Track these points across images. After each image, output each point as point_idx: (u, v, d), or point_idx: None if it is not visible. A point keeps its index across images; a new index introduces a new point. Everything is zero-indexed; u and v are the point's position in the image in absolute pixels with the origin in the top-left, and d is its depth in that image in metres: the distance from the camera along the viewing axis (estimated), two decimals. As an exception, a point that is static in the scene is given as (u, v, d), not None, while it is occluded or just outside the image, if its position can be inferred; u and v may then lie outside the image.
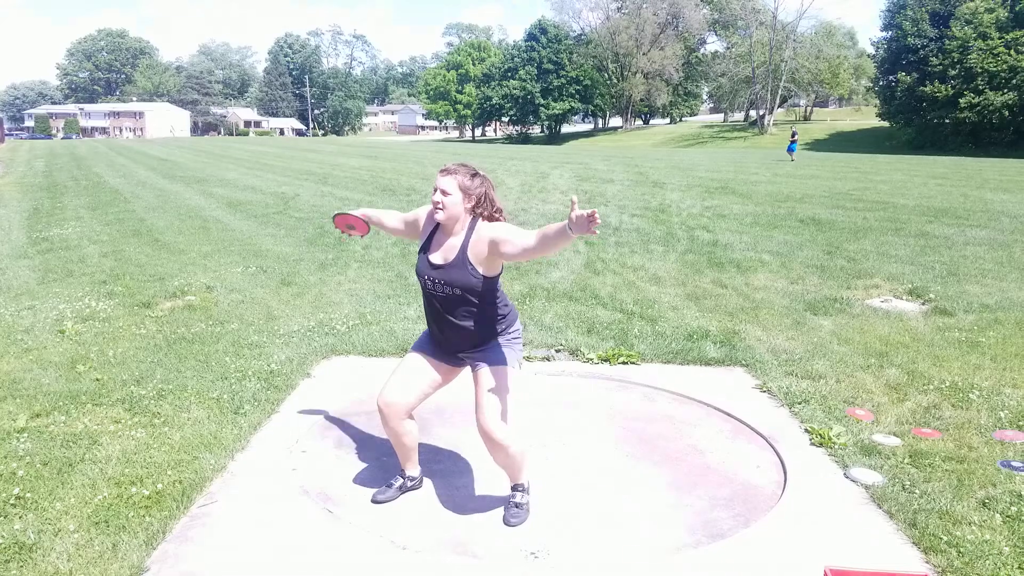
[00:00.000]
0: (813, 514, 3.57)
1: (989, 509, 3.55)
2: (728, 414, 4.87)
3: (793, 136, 40.88)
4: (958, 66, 57.91)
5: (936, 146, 56.48)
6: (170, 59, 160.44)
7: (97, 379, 5.26)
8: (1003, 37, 56.61)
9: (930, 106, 59.71)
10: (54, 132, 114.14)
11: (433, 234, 3.49)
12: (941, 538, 3.28)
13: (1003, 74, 56.06)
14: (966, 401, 4.99)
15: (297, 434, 4.47)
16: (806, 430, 4.53)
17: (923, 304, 7.76)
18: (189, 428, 4.45)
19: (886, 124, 67.52)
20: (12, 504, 3.54)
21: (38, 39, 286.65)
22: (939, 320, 7.10)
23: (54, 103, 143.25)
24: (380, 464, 4.11)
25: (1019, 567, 3.08)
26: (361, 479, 3.94)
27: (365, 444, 4.38)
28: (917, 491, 3.71)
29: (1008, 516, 3.48)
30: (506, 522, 3.49)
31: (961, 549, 3.20)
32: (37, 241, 11.53)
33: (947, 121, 59.51)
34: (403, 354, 5.92)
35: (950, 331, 6.68)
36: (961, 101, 57.03)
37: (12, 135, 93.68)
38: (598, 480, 3.95)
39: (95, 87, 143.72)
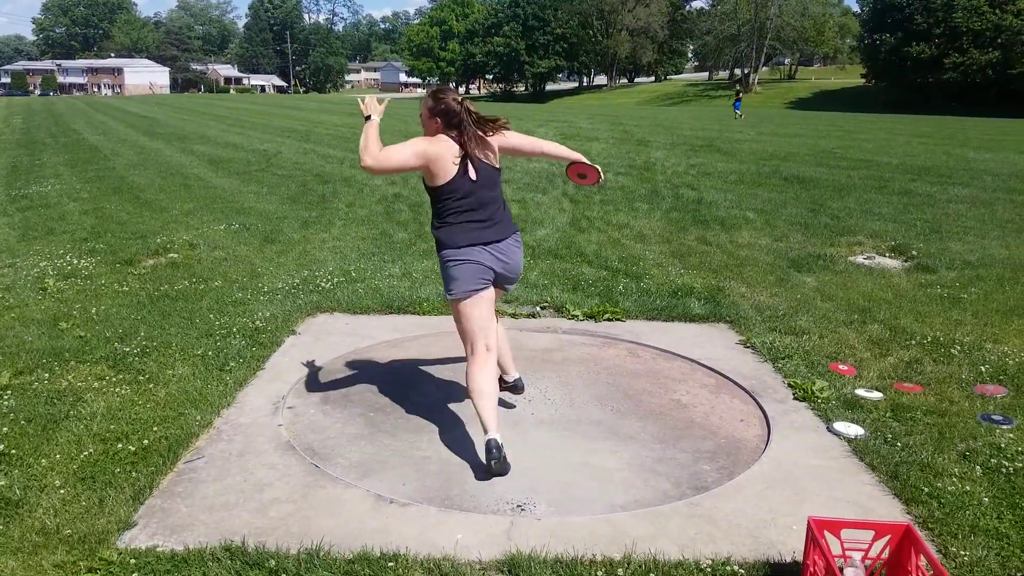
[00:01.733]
0: (796, 467, 3.62)
1: (969, 461, 3.60)
2: (712, 369, 4.90)
3: (738, 95, 44.12)
4: (943, 24, 57.75)
5: (920, 105, 56.51)
6: (148, 14, 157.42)
7: (80, 336, 5.23)
8: (988, -5, 56.48)
9: (914, 65, 59.60)
10: (31, 89, 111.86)
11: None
12: (922, 490, 3.33)
13: (988, 33, 55.97)
14: (947, 356, 5.04)
15: (283, 390, 4.46)
16: (789, 385, 4.57)
17: (906, 261, 7.81)
18: (174, 385, 4.43)
19: (870, 83, 67.44)
20: (-3, 460, 3.53)
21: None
22: (921, 277, 7.16)
23: (30, 59, 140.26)
24: (367, 420, 4.12)
25: (998, 517, 3.14)
26: (347, 435, 3.94)
27: (351, 400, 4.38)
28: (899, 444, 3.76)
29: (988, 468, 3.54)
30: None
31: (942, 500, 3.25)
32: (16, 199, 11.37)
33: (931, 80, 59.50)
34: (387, 311, 5.96)
35: (932, 287, 6.74)
36: (945, 61, 56.98)
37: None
38: (584, 435, 3.97)
39: (72, 43, 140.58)
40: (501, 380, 4.07)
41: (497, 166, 3.70)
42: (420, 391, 4.52)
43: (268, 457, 3.67)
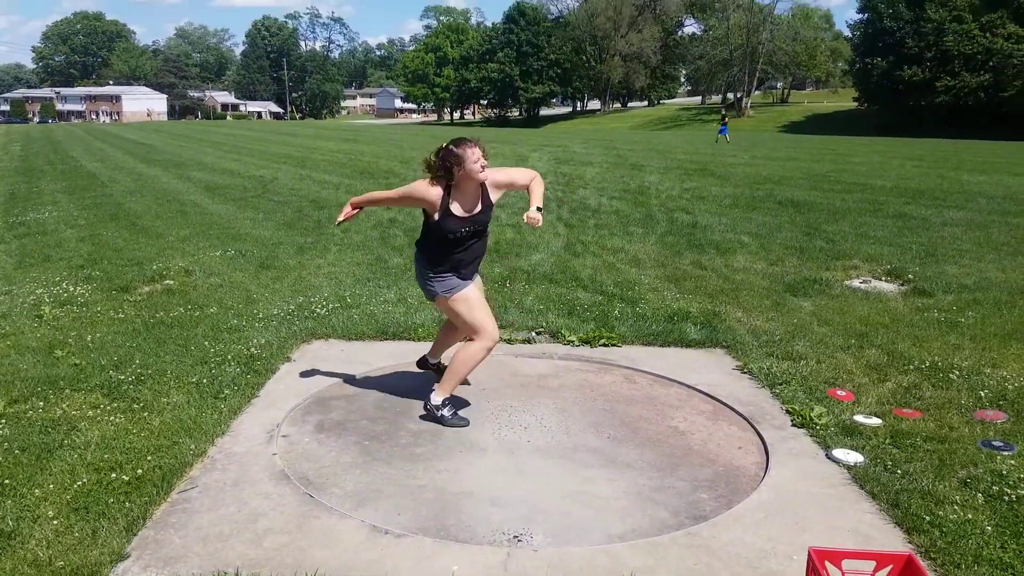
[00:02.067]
0: (796, 495, 3.59)
1: (971, 489, 3.57)
2: (709, 395, 4.88)
3: (723, 119, 44.05)
4: (934, 48, 58.33)
5: (913, 128, 56.88)
6: (147, 43, 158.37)
7: (75, 364, 5.20)
8: (978, 20, 57.01)
9: (906, 88, 60.07)
10: (30, 116, 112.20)
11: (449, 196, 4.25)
12: (924, 518, 3.30)
13: (979, 56, 56.49)
14: (946, 381, 5.03)
15: (277, 418, 4.43)
16: (787, 411, 4.55)
17: (902, 285, 7.81)
18: (169, 413, 4.40)
19: (863, 107, 67.93)
20: (-10, 491, 3.49)
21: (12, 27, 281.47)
22: (918, 300, 7.15)
23: (30, 87, 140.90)
24: (362, 448, 4.08)
25: (1002, 547, 3.11)
26: (342, 463, 3.91)
27: (345, 428, 4.35)
28: (899, 471, 3.74)
29: (990, 495, 3.51)
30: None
31: (944, 529, 3.22)
32: (13, 226, 11.37)
33: (923, 104, 59.94)
34: (383, 337, 5.94)
35: (929, 311, 6.73)
36: (937, 84, 57.46)
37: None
38: (581, 462, 3.94)
39: (71, 71, 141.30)
40: (426, 360, 4.92)
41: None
42: (415, 419, 4.48)
43: (262, 487, 3.63)
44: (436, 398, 4.42)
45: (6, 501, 3.42)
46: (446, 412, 4.40)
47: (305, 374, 5.17)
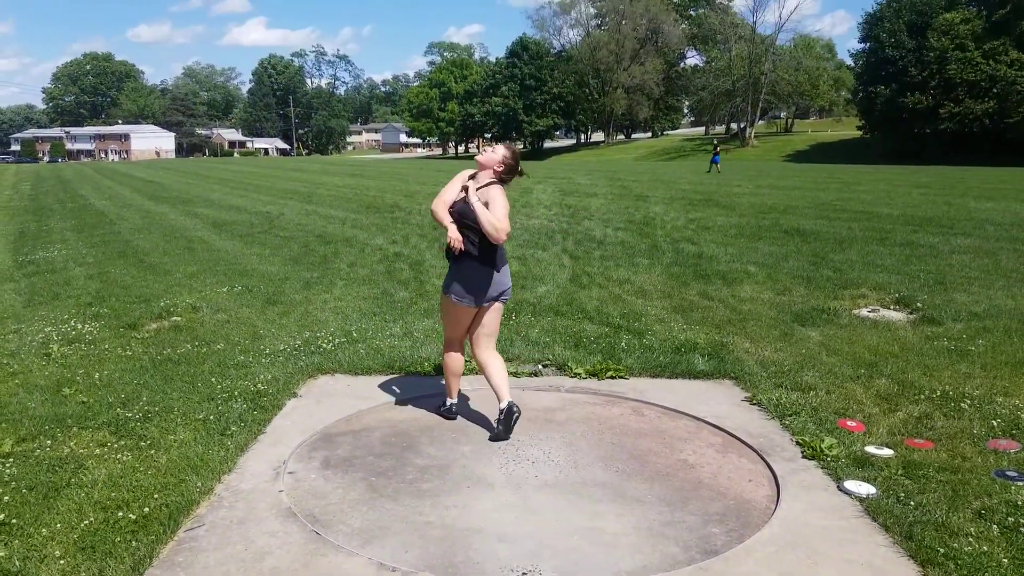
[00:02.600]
0: (808, 528, 3.55)
1: (986, 520, 3.52)
2: (718, 427, 4.84)
3: (716, 149, 44.84)
4: (937, 76, 58.61)
5: (917, 156, 57.00)
6: (155, 82, 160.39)
7: (83, 402, 5.20)
8: (980, 47, 57.32)
9: (910, 116, 60.28)
10: (40, 156, 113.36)
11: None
12: (938, 550, 3.25)
13: (982, 83, 56.73)
14: (958, 410, 4.98)
15: (284, 455, 4.41)
16: (797, 442, 4.51)
17: (911, 313, 7.77)
18: (175, 450, 4.39)
19: (867, 135, 68.15)
20: (-3, 531, 3.48)
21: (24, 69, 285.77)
22: (927, 329, 7.11)
23: (40, 127, 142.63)
24: (368, 484, 4.06)
25: (1016, 577, 3.06)
26: (349, 500, 3.88)
27: (352, 464, 4.32)
28: (912, 503, 3.69)
29: (1005, 527, 3.46)
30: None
31: (959, 561, 3.17)
32: (23, 264, 11.43)
33: (928, 131, 60.11)
34: (389, 372, 5.93)
35: (939, 340, 6.68)
36: (941, 111, 57.64)
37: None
38: (589, 497, 3.91)
39: (81, 110, 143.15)
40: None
41: None
42: (422, 454, 4.46)
43: (269, 524, 3.61)
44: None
45: (13, 540, 3.40)
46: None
47: (311, 410, 5.15)
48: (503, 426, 4.61)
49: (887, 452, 4.32)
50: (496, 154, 4.66)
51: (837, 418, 4.86)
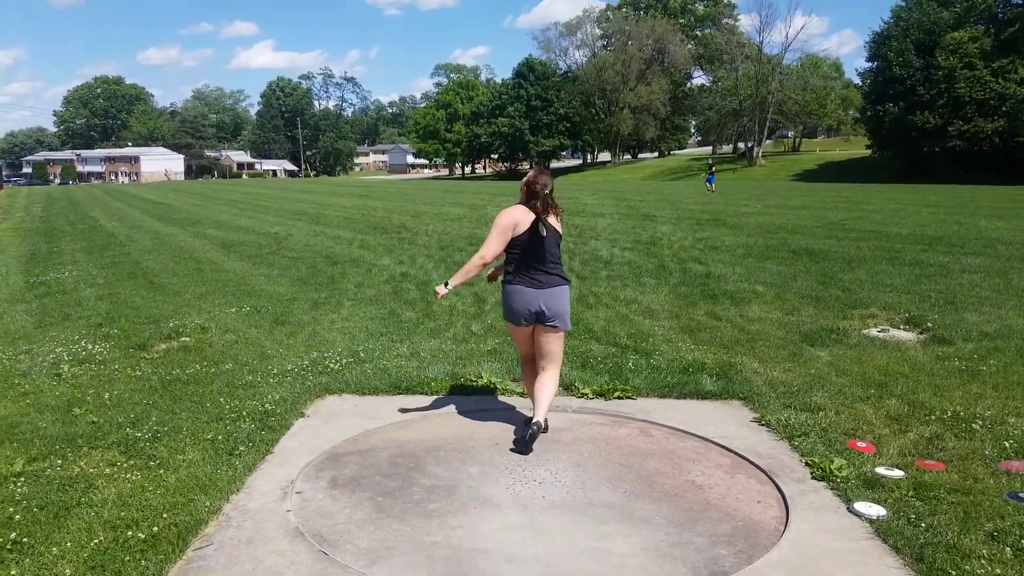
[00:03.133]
0: (817, 549, 3.52)
1: (998, 542, 3.49)
2: (727, 448, 4.82)
3: (710, 169, 44.69)
4: (945, 95, 58.52)
5: (927, 175, 56.86)
6: (165, 104, 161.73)
7: (93, 422, 5.22)
8: (989, 65, 57.27)
9: (919, 135, 60.20)
10: (51, 178, 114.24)
11: None
12: (950, 573, 3.22)
13: (991, 101, 56.63)
14: (969, 431, 4.94)
15: (292, 475, 4.41)
16: (807, 463, 4.49)
17: (921, 333, 7.74)
18: (184, 470, 4.40)
19: (876, 154, 68.08)
20: (9, 549, 3.51)
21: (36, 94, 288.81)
22: (938, 349, 7.07)
23: (51, 150, 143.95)
24: (376, 504, 4.05)
25: (1029, 599, 3.03)
26: (356, 520, 3.87)
27: (359, 484, 4.32)
28: (923, 524, 3.66)
29: (1018, 549, 3.42)
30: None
31: (969, 582, 3.14)
32: (34, 285, 11.50)
33: (937, 150, 59.98)
34: (396, 392, 5.94)
35: (950, 360, 6.65)
36: (950, 129, 57.53)
37: (10, 182, 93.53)
38: (597, 518, 3.89)
39: (91, 133, 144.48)
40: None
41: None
42: (428, 474, 4.45)
43: (277, 544, 3.60)
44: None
45: (24, 559, 3.42)
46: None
47: (319, 430, 5.16)
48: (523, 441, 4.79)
49: (897, 473, 4.29)
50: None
51: (847, 439, 4.84)
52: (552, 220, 4.82)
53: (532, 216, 4.76)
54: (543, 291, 4.79)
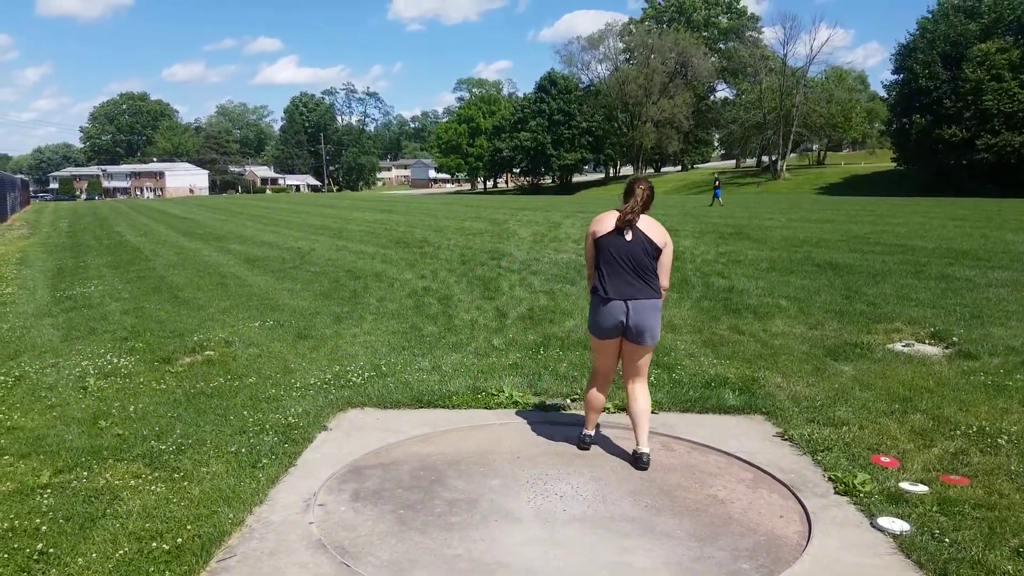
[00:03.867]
0: (840, 565, 3.50)
1: (1023, 558, 3.45)
2: (749, 463, 4.80)
3: (716, 183, 45.57)
4: (972, 107, 57.93)
5: (953, 188, 56.28)
6: (189, 120, 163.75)
7: (119, 434, 5.29)
8: (1018, 77, 56.66)
9: (946, 148, 59.61)
10: (78, 194, 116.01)
11: None
12: (973, 588, 3.19)
13: (1020, 114, 56.00)
14: (995, 447, 4.89)
15: (314, 487, 4.44)
16: (830, 478, 4.46)
17: (946, 348, 7.66)
18: (208, 482, 4.44)
19: (901, 167, 67.49)
20: (36, 560, 3.56)
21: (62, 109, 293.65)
22: (964, 364, 7.00)
23: (78, 165, 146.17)
24: (397, 517, 4.07)
25: (1056, 617, 2.99)
26: (378, 533, 3.90)
27: (381, 497, 4.34)
28: (947, 540, 3.63)
29: (1043, 565, 3.39)
30: None
31: (995, 599, 3.11)
32: (61, 300, 11.66)
33: (964, 163, 59.36)
34: (417, 406, 5.96)
35: (975, 375, 6.58)
36: (978, 142, 56.92)
37: (37, 197, 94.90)
38: (618, 532, 3.88)
39: (117, 149, 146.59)
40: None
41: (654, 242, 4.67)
42: (450, 487, 4.47)
43: (299, 556, 3.63)
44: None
45: (50, 570, 3.47)
46: None
47: (341, 443, 5.19)
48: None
49: (922, 488, 4.26)
50: None
51: (871, 454, 4.80)
52: (645, 227, 4.65)
53: (615, 219, 4.67)
54: (629, 303, 4.68)
